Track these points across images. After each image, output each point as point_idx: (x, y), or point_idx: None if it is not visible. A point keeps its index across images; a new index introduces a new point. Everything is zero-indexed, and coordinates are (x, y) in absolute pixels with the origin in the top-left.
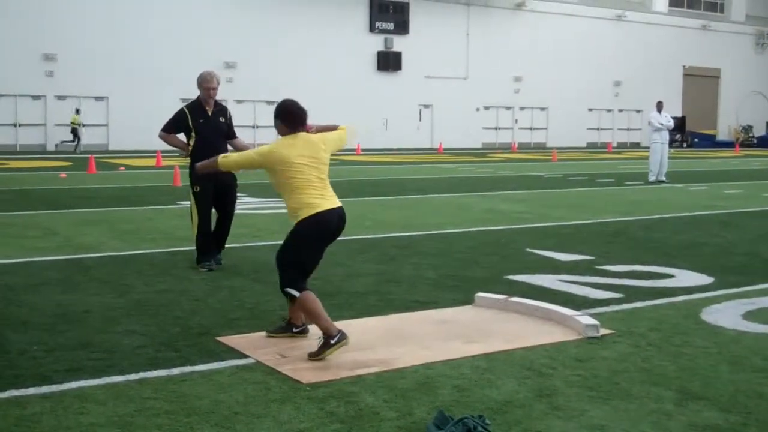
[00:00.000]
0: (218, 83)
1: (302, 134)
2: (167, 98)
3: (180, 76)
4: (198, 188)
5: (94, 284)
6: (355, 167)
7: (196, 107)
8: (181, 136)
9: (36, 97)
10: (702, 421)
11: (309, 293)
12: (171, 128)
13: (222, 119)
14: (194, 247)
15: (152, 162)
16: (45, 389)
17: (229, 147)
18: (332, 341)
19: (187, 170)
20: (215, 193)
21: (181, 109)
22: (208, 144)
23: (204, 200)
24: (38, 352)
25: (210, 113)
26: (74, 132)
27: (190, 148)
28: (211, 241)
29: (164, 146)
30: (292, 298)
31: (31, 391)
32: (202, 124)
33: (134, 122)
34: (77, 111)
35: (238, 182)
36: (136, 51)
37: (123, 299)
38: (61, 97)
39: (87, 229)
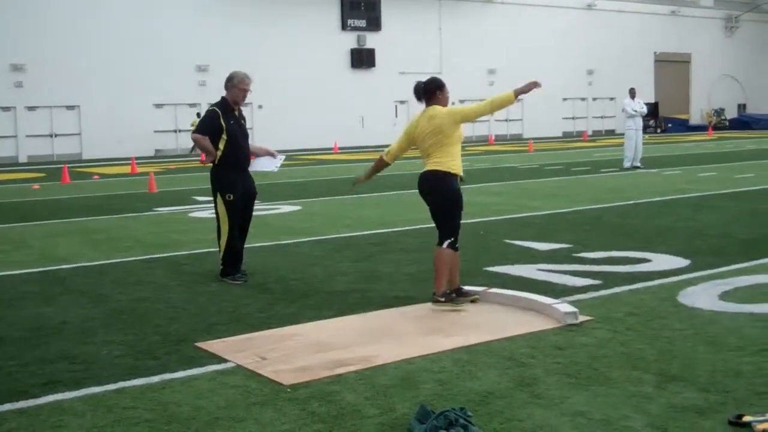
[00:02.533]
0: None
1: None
2: (139, 105)
3: (151, 82)
4: (231, 197)
5: (71, 295)
6: (332, 166)
7: (224, 107)
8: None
9: (6, 109)
10: (681, 402)
11: None
12: (207, 129)
13: (243, 121)
14: (169, 253)
15: (127, 169)
16: (22, 404)
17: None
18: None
19: (209, 176)
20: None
21: (213, 110)
22: (237, 145)
23: (236, 209)
24: (14, 367)
25: (237, 115)
26: None
27: (219, 152)
28: (241, 252)
29: (139, 152)
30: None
31: (7, 406)
32: (233, 125)
33: (107, 130)
34: (198, 115)
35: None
36: (107, 58)
37: (100, 309)
38: (31, 108)
39: (62, 240)
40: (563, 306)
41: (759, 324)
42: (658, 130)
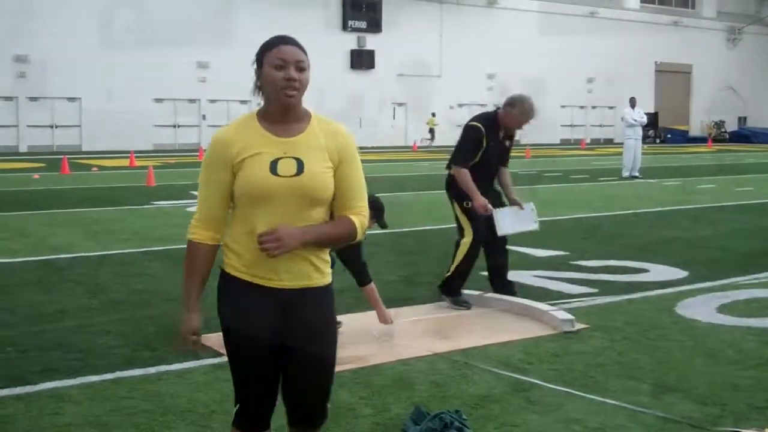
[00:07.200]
0: None
1: None
2: (140, 99)
3: (152, 76)
4: (468, 203)
5: (68, 285)
6: None
7: (492, 126)
8: None
9: (8, 99)
10: (678, 414)
11: None
12: (470, 158)
13: (508, 143)
14: (166, 246)
15: (126, 162)
16: (19, 390)
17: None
18: None
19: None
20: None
21: (477, 127)
22: (486, 170)
23: (480, 218)
24: (12, 354)
25: (501, 135)
26: (431, 132)
27: None
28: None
29: (138, 146)
30: None
31: (5, 392)
32: (492, 147)
33: (107, 123)
34: (433, 114)
35: None
36: (108, 51)
37: (97, 299)
38: (33, 99)
39: (60, 230)
40: (560, 313)
41: (757, 338)
42: (657, 141)
